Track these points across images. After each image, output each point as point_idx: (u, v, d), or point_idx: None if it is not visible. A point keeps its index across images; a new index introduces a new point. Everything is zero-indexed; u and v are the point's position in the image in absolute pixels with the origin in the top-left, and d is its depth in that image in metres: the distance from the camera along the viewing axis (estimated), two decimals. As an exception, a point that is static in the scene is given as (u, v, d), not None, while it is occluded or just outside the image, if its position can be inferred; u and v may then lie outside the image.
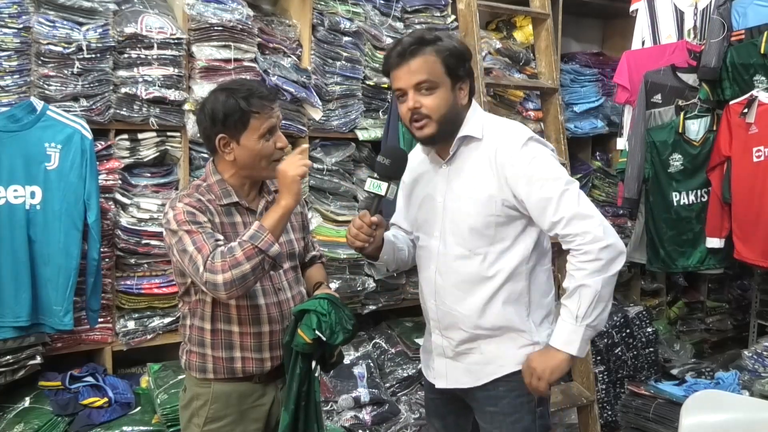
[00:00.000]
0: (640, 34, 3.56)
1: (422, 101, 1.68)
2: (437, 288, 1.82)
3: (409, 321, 3.34)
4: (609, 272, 1.64)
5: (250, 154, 1.72)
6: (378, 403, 2.86)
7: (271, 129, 1.73)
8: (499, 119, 1.83)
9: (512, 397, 1.77)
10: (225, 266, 1.58)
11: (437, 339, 1.88)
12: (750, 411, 2.16)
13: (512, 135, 1.72)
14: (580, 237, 1.63)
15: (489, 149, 1.72)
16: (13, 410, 2.36)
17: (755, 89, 2.99)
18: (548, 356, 1.70)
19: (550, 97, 3.35)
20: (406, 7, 3.21)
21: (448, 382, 1.87)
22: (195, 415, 1.80)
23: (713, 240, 3.26)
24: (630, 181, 3.30)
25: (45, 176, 2.33)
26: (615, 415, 3.40)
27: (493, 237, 1.72)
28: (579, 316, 1.65)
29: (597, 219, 1.64)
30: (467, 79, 1.73)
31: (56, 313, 2.34)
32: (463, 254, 1.75)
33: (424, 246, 1.86)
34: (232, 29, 2.66)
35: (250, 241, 1.60)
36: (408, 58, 1.67)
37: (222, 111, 1.69)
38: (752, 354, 3.17)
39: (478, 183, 1.72)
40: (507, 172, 1.68)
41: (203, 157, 2.73)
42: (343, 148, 3.11)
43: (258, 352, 1.78)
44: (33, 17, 2.36)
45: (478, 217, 1.71)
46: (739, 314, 4.56)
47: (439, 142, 1.78)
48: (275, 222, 1.65)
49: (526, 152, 1.68)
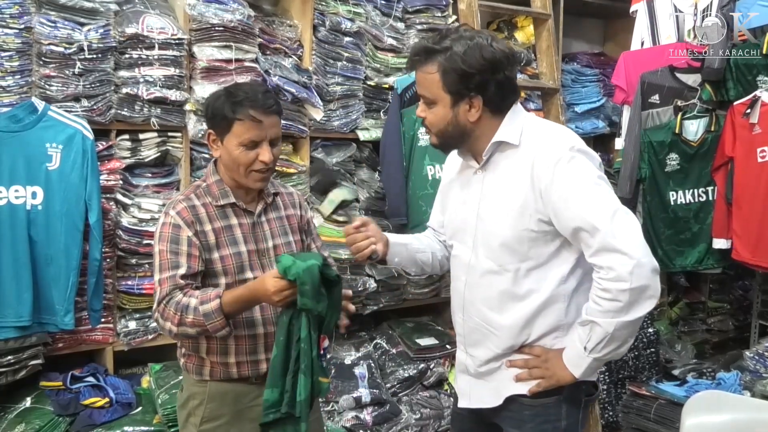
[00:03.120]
0: (639, 34, 3.55)
1: (425, 113, 1.63)
2: (465, 302, 1.71)
3: (411, 321, 3.34)
4: (627, 317, 1.49)
5: (229, 158, 1.74)
6: (379, 403, 2.85)
7: (255, 140, 1.71)
8: (543, 124, 1.69)
9: (537, 423, 1.66)
10: (175, 320, 1.64)
11: (461, 355, 1.79)
12: (751, 411, 2.16)
13: (553, 144, 1.57)
14: (604, 271, 1.49)
15: (527, 157, 1.58)
16: (14, 410, 2.36)
17: (759, 89, 2.99)
18: (560, 365, 1.61)
19: (552, 98, 3.35)
20: (407, 7, 3.21)
21: (471, 402, 1.77)
22: (192, 414, 1.80)
23: (720, 241, 3.24)
24: (623, 180, 3.30)
25: (46, 176, 2.33)
26: (616, 416, 3.39)
27: (526, 254, 1.59)
28: (587, 348, 1.55)
29: (629, 257, 1.46)
30: (477, 94, 1.57)
31: (57, 312, 2.34)
32: (492, 269, 1.63)
33: (456, 255, 1.76)
34: (233, 30, 2.66)
35: (202, 317, 1.62)
36: (413, 67, 1.62)
37: (211, 109, 1.75)
38: (754, 354, 3.17)
39: (513, 193, 1.59)
40: (543, 185, 1.54)
41: (204, 157, 2.73)
42: (344, 149, 3.11)
43: (253, 354, 1.78)
44: (34, 17, 2.36)
45: (511, 230, 1.59)
46: (740, 315, 4.54)
47: (451, 150, 1.72)
48: (236, 305, 1.65)
49: (566, 167, 1.53)
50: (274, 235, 1.84)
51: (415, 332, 3.21)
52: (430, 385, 3.08)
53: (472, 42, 1.55)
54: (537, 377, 1.64)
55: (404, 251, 1.81)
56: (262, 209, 1.82)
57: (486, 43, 1.56)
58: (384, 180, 3.08)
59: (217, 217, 1.76)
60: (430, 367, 3.09)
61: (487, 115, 1.61)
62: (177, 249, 1.69)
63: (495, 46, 1.57)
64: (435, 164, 3.02)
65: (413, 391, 3.04)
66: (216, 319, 1.62)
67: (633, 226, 1.52)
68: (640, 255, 1.47)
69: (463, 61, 1.54)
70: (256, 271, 1.78)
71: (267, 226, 1.83)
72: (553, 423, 1.66)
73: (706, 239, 3.31)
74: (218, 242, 1.74)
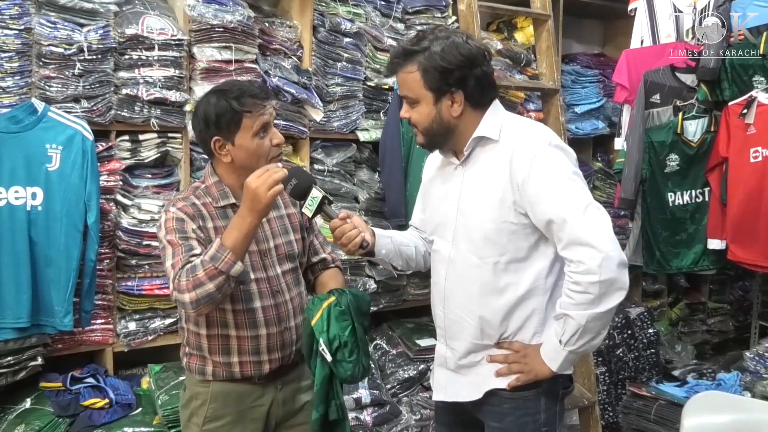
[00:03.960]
0: (639, 33, 3.55)
1: (410, 113, 1.68)
2: (446, 295, 1.76)
3: (411, 322, 3.34)
4: (598, 308, 1.55)
5: (247, 154, 1.72)
6: (379, 404, 2.85)
7: (264, 126, 1.72)
8: (521, 120, 1.77)
9: (517, 416, 1.71)
10: (189, 285, 1.57)
11: (441, 348, 1.83)
12: (752, 412, 2.16)
13: (531, 139, 1.64)
14: (574, 264, 1.55)
15: (506, 152, 1.64)
16: (14, 411, 2.36)
17: (754, 90, 2.99)
18: (538, 360, 1.66)
19: (551, 98, 3.35)
20: (407, 8, 3.22)
21: (447, 395, 1.82)
22: (194, 414, 1.80)
23: (714, 241, 3.24)
24: (627, 181, 3.29)
25: (46, 177, 2.33)
26: (616, 417, 3.39)
27: (505, 246, 1.64)
28: (562, 342, 1.60)
29: (598, 250, 1.52)
30: (458, 89, 1.63)
31: (57, 314, 2.34)
32: (473, 262, 1.68)
33: (437, 250, 1.80)
34: (233, 30, 2.66)
35: (210, 262, 1.57)
36: (393, 71, 1.68)
37: (214, 113, 1.71)
38: (754, 355, 3.16)
39: (492, 186, 1.65)
40: (520, 179, 1.60)
41: (204, 158, 2.73)
42: (344, 149, 3.11)
43: (256, 354, 1.77)
44: (34, 18, 2.36)
45: (491, 222, 1.64)
46: (740, 315, 4.55)
47: (437, 149, 1.76)
48: (237, 240, 1.59)
49: (542, 161, 1.59)
50: (275, 235, 1.84)
51: (415, 333, 3.21)
52: (430, 386, 3.07)
53: (448, 40, 1.62)
54: (516, 372, 1.69)
55: (390, 243, 1.85)
56: None
57: (462, 40, 1.63)
58: (383, 180, 3.08)
59: (218, 217, 1.76)
60: (430, 367, 3.07)
61: (469, 110, 1.67)
62: (186, 236, 1.67)
63: (470, 43, 1.64)
64: (434, 165, 3.02)
65: (413, 391, 3.04)
66: (224, 255, 1.57)
67: (603, 220, 1.57)
68: (609, 249, 1.53)
69: (442, 59, 1.60)
70: (258, 272, 1.78)
71: (267, 226, 1.83)
72: (533, 416, 1.71)
73: (702, 240, 3.31)
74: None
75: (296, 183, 1.68)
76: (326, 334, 1.66)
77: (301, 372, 1.88)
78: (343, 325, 1.68)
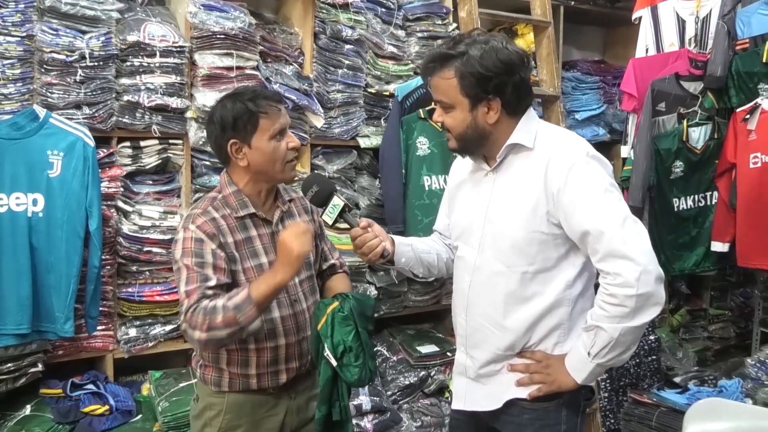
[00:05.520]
0: (644, 41, 3.56)
1: (444, 118, 1.64)
2: (469, 302, 1.71)
3: (411, 329, 3.33)
4: (632, 322, 1.50)
5: (263, 157, 1.71)
6: (380, 411, 2.84)
7: (281, 130, 1.72)
8: (557, 129, 1.73)
9: (536, 427, 1.66)
10: (204, 326, 1.57)
11: (461, 357, 1.78)
12: (753, 419, 2.15)
13: (568, 149, 1.59)
14: (611, 277, 1.50)
15: (541, 160, 1.59)
16: (14, 418, 2.36)
17: (760, 97, 3.01)
18: (561, 370, 1.62)
19: (552, 105, 3.35)
20: (408, 15, 3.23)
21: (465, 404, 1.76)
22: (208, 425, 1.78)
23: (717, 244, 3.28)
24: (634, 189, 3.29)
25: (47, 184, 2.33)
26: (617, 424, 3.38)
27: (534, 256, 1.60)
28: (591, 354, 1.56)
29: (636, 263, 1.48)
30: (495, 96, 1.58)
31: (57, 320, 2.34)
32: (500, 270, 1.64)
33: (461, 256, 1.76)
34: (235, 37, 2.67)
35: (233, 311, 1.57)
36: (429, 74, 1.63)
37: (231, 115, 1.70)
38: (755, 362, 3.16)
39: (525, 195, 1.60)
40: (555, 189, 1.56)
41: (205, 164, 2.74)
42: (345, 156, 3.11)
43: (274, 365, 1.76)
44: (36, 25, 2.37)
45: (521, 231, 1.60)
46: (741, 322, 4.54)
47: (469, 155, 1.72)
48: (265, 294, 1.60)
49: (580, 172, 1.55)
50: None
51: (415, 340, 3.21)
52: (430, 393, 3.07)
53: (487, 45, 1.57)
54: (538, 382, 1.65)
55: (410, 251, 1.82)
56: (279, 218, 1.81)
57: (501, 45, 1.58)
58: (383, 187, 3.08)
59: (237, 229, 1.74)
60: (431, 374, 3.08)
61: (505, 117, 1.62)
62: (202, 262, 1.64)
63: (510, 49, 1.59)
64: (432, 175, 3.02)
65: (414, 398, 3.03)
66: (247, 309, 1.57)
67: (642, 234, 1.54)
68: (647, 262, 1.49)
69: (480, 65, 1.55)
70: None
71: None
72: (553, 427, 1.67)
73: (704, 242, 3.36)
74: (240, 255, 1.72)
75: (317, 190, 1.69)
76: (330, 340, 1.66)
77: (315, 380, 1.86)
78: (346, 330, 1.67)
